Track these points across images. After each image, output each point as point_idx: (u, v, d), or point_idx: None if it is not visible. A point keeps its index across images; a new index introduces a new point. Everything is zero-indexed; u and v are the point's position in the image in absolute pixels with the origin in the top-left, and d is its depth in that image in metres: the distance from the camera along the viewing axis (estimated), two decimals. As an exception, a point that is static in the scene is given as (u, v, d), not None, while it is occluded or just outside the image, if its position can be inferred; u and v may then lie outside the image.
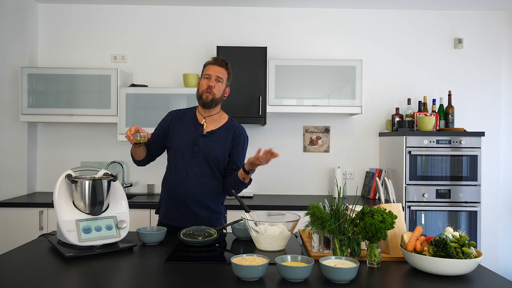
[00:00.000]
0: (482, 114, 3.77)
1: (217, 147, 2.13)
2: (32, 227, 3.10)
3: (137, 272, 1.55)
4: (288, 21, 3.77)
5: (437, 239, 1.49)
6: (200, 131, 2.14)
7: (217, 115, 2.20)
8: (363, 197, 3.67)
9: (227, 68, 2.16)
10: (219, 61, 2.15)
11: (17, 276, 1.46)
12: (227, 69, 2.16)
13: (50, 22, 3.73)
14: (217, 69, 2.13)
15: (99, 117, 3.40)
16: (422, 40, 3.78)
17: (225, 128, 2.18)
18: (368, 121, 3.78)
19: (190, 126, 2.16)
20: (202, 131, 2.14)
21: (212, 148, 2.12)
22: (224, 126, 2.18)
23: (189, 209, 2.10)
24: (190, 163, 2.11)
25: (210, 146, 2.12)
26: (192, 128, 2.15)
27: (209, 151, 2.11)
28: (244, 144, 2.22)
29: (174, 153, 2.16)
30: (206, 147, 2.11)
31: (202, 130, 2.14)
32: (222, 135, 2.16)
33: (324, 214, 1.61)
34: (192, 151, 2.11)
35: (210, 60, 2.18)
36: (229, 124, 2.20)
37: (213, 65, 2.14)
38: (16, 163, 3.54)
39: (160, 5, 3.74)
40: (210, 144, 2.12)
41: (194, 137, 2.13)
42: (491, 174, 3.74)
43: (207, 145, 2.12)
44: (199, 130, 2.14)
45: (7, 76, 3.54)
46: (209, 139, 2.13)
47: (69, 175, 1.76)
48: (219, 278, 1.43)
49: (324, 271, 1.38)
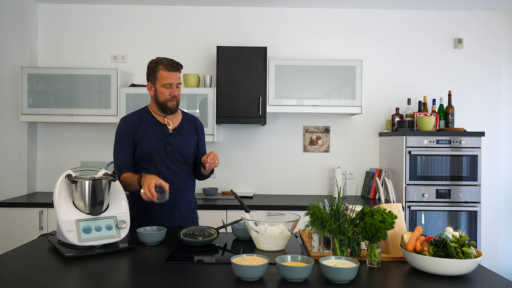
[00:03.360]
0: (482, 114, 3.77)
1: (186, 141, 2.20)
2: (32, 227, 3.10)
3: (137, 272, 1.55)
4: (288, 21, 3.77)
5: (437, 239, 1.49)
6: (166, 131, 2.16)
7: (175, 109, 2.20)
8: (363, 197, 3.67)
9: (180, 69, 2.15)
10: (175, 67, 2.12)
11: (17, 276, 1.46)
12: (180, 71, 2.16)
13: (50, 22, 3.73)
14: (176, 76, 2.13)
15: (99, 117, 3.40)
16: (422, 40, 3.78)
17: (185, 121, 2.25)
18: (368, 121, 3.78)
19: (154, 129, 2.15)
20: (168, 131, 2.17)
21: (183, 143, 2.18)
22: (183, 120, 2.24)
23: (176, 207, 2.15)
24: (167, 163, 2.13)
25: (181, 143, 2.17)
26: (157, 130, 2.15)
27: (182, 147, 2.17)
28: (203, 133, 2.33)
29: (147, 158, 2.13)
30: (178, 144, 2.16)
31: (167, 130, 2.17)
32: (187, 129, 2.23)
33: (324, 214, 1.60)
34: (165, 152, 2.14)
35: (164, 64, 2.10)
36: (186, 117, 2.28)
37: (171, 72, 2.10)
38: (16, 163, 3.54)
39: (160, 5, 3.74)
40: (180, 141, 2.18)
41: (163, 138, 2.15)
42: (491, 174, 3.74)
43: (178, 142, 2.17)
44: (164, 130, 2.16)
45: (7, 76, 3.54)
46: (178, 136, 2.18)
47: (69, 175, 1.76)
48: (219, 278, 1.43)
49: (324, 271, 1.38)
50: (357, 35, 3.77)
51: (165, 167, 2.13)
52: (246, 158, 3.75)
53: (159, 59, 2.14)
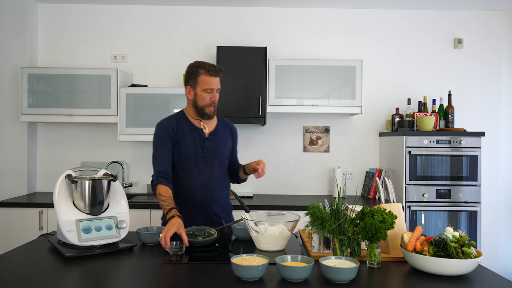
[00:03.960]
0: (482, 114, 3.77)
1: (222, 145, 2.20)
2: (32, 227, 3.09)
3: (137, 272, 1.55)
4: (288, 21, 3.77)
5: (437, 239, 1.49)
6: (203, 135, 2.15)
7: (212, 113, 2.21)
8: (363, 197, 3.67)
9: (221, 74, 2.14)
10: (217, 72, 2.10)
11: (17, 276, 1.46)
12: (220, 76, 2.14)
13: (50, 22, 3.73)
14: (217, 81, 2.11)
15: (99, 117, 3.39)
16: (422, 40, 3.78)
17: (221, 126, 2.24)
18: (368, 121, 3.78)
19: (191, 134, 2.15)
20: (205, 135, 2.16)
21: (220, 147, 2.18)
22: (219, 124, 2.24)
23: (212, 211, 2.14)
24: (204, 168, 2.12)
25: (218, 146, 2.17)
26: (194, 135, 2.15)
27: (219, 151, 2.17)
28: (236, 137, 2.34)
29: (184, 161, 2.12)
30: (215, 148, 2.16)
31: (204, 134, 2.16)
32: (222, 133, 2.22)
33: (324, 214, 1.61)
34: (203, 156, 2.13)
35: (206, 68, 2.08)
36: (222, 121, 2.27)
37: (213, 77, 2.09)
38: (16, 163, 3.54)
39: (160, 5, 3.74)
40: (217, 145, 2.17)
41: (200, 143, 2.13)
42: (491, 174, 3.74)
43: (215, 146, 2.16)
44: (201, 135, 2.15)
45: (7, 76, 3.54)
46: (214, 140, 2.17)
47: (69, 175, 1.76)
48: (219, 278, 1.43)
49: (324, 271, 1.38)
50: (357, 35, 3.77)
51: (201, 172, 2.12)
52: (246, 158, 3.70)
53: (200, 63, 2.10)
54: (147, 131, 3.35)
